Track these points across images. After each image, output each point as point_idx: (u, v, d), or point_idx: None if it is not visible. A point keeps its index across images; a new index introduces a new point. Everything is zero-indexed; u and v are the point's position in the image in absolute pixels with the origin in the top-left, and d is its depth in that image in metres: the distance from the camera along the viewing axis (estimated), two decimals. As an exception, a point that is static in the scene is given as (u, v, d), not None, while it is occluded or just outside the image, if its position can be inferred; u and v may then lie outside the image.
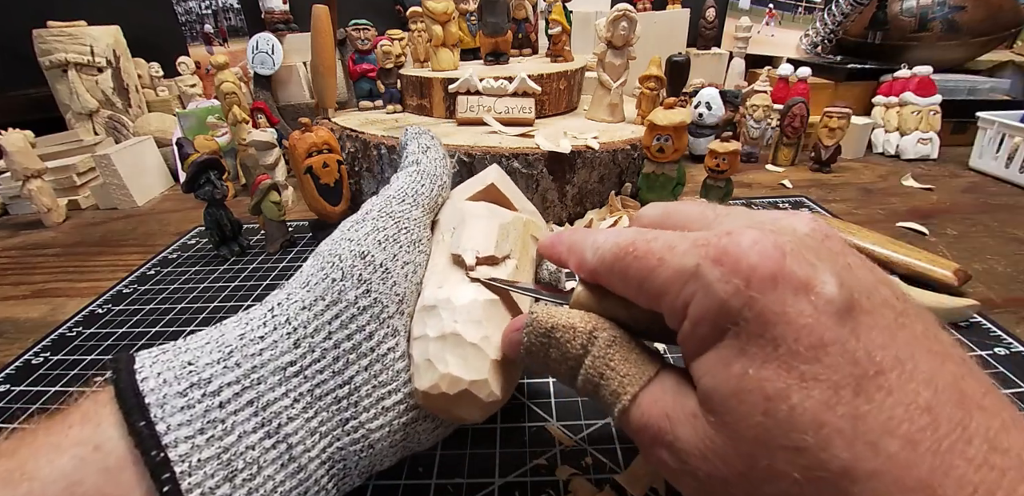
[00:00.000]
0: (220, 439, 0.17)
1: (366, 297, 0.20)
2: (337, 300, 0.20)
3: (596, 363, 0.18)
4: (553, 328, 0.18)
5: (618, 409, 0.17)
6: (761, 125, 0.73)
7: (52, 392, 0.35)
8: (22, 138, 0.64)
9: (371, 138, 0.55)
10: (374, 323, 0.20)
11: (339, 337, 0.20)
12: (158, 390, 0.18)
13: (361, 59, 0.65)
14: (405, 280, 0.21)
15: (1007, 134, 0.64)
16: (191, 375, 0.18)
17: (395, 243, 0.22)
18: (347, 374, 0.20)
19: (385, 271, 0.21)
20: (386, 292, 0.21)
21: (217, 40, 1.06)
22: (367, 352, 0.20)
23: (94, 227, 0.66)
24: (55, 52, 0.82)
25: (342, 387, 0.19)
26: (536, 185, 0.51)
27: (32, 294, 0.50)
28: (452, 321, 0.20)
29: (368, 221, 0.22)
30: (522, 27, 0.69)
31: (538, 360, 0.19)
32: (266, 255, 0.53)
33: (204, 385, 0.18)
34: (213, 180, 0.50)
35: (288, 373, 0.19)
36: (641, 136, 0.52)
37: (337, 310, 0.20)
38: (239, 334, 0.19)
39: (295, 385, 0.19)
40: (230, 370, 0.18)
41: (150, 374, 0.18)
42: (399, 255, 0.22)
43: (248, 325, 0.20)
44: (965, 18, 0.82)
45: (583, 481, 0.25)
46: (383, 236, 0.22)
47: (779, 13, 1.06)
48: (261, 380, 0.18)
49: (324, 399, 0.19)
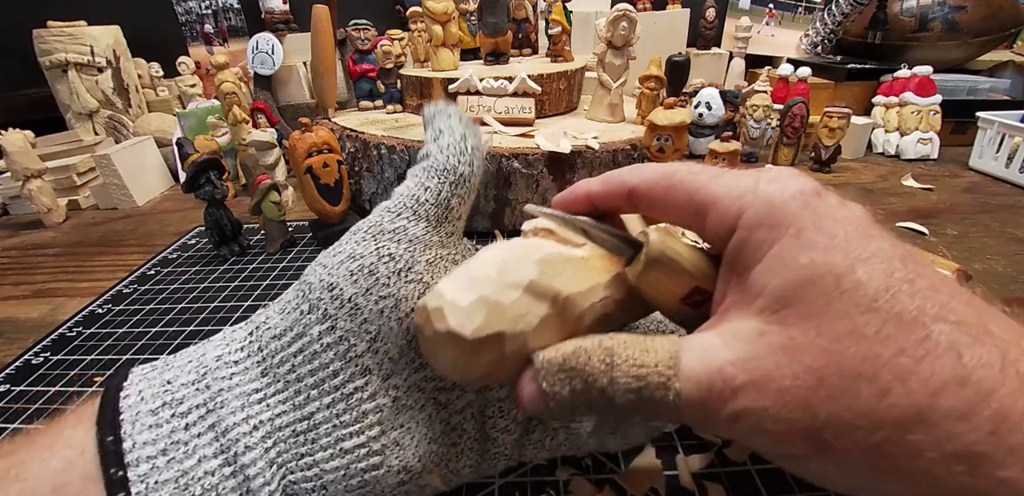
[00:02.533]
0: (180, 462, 0.17)
1: (330, 334, 0.19)
2: (302, 334, 0.19)
3: (626, 369, 0.16)
4: (564, 360, 0.17)
5: (672, 395, 0.16)
6: (761, 125, 0.73)
7: (52, 392, 0.35)
8: (22, 138, 0.64)
9: (371, 138, 0.55)
10: (339, 361, 0.19)
11: (302, 371, 0.19)
12: (134, 407, 0.18)
13: (361, 59, 0.65)
14: (380, 317, 0.19)
15: (1007, 134, 0.64)
16: (166, 394, 0.18)
17: (371, 275, 0.19)
18: (307, 409, 0.19)
19: (354, 307, 0.19)
20: (354, 330, 0.19)
21: (217, 40, 1.06)
22: (330, 390, 0.19)
23: (94, 227, 0.66)
24: (55, 52, 0.82)
25: (301, 422, 0.19)
26: (536, 185, 0.51)
27: (32, 294, 0.50)
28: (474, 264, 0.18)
29: (347, 244, 0.20)
30: (522, 27, 0.69)
31: (566, 402, 0.17)
32: (266, 255, 0.53)
33: (175, 405, 0.18)
34: (213, 180, 0.50)
35: (251, 399, 0.19)
36: (641, 136, 0.52)
37: (301, 344, 0.19)
38: (217, 355, 0.20)
39: (256, 412, 0.18)
40: (200, 392, 0.18)
41: (132, 391, 0.18)
42: (373, 289, 0.19)
43: (228, 347, 0.20)
44: (965, 18, 0.82)
45: (583, 481, 0.25)
46: (357, 266, 0.19)
47: (779, 13, 1.06)
48: (224, 404, 0.18)
49: (283, 430, 0.19)
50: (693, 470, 0.25)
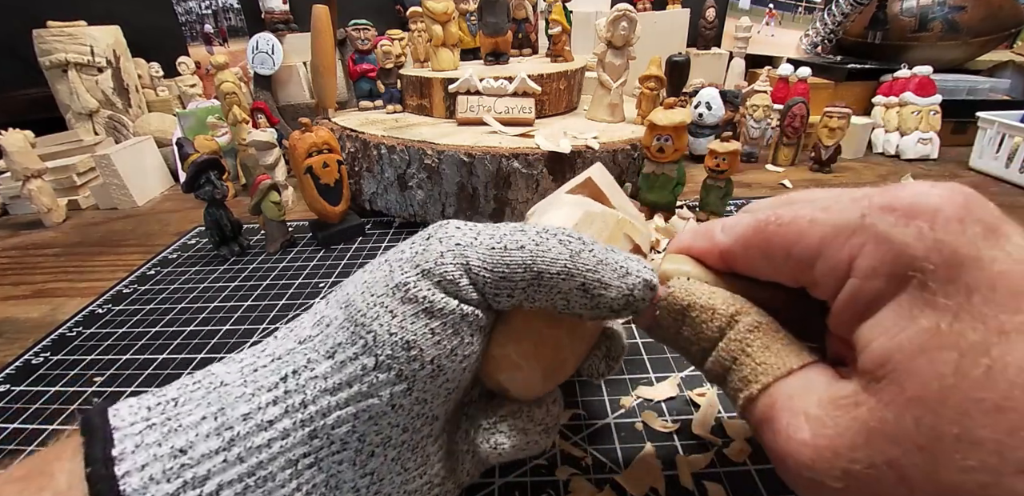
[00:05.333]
0: None
1: (406, 396, 0.16)
2: (368, 394, 0.16)
3: (731, 346, 0.16)
4: (689, 307, 0.17)
5: (744, 397, 0.16)
6: (761, 125, 0.73)
7: (52, 392, 0.35)
8: (22, 138, 0.64)
9: (371, 138, 0.55)
10: (414, 419, 0.17)
11: (365, 430, 0.16)
12: (143, 491, 0.14)
13: (361, 59, 0.64)
14: (462, 373, 0.17)
15: (1007, 134, 0.64)
16: (184, 470, 0.14)
17: (455, 335, 0.17)
18: (371, 466, 0.17)
19: (437, 369, 0.17)
20: (433, 390, 0.17)
21: (217, 40, 1.06)
22: (397, 444, 0.17)
23: (94, 227, 0.66)
24: (55, 52, 0.82)
25: (363, 477, 0.17)
26: (536, 185, 0.51)
27: (32, 294, 0.50)
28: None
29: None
30: (522, 27, 0.69)
31: (668, 334, 0.18)
32: (266, 255, 0.53)
33: (200, 484, 0.14)
34: (213, 180, 0.50)
35: (301, 466, 0.16)
36: (641, 136, 0.52)
37: (367, 405, 0.16)
38: (244, 414, 0.16)
39: (308, 478, 0.16)
40: (231, 465, 0.15)
41: (131, 466, 0.14)
42: (459, 350, 0.17)
43: (255, 399, 0.16)
44: (965, 18, 0.82)
45: (583, 481, 0.25)
46: (439, 325, 0.16)
47: (779, 13, 1.06)
48: (269, 478, 0.15)
49: (341, 488, 0.17)
50: (693, 470, 0.25)
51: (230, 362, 0.18)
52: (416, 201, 0.54)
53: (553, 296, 0.17)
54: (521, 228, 0.18)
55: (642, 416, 0.29)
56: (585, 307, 0.17)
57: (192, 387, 0.17)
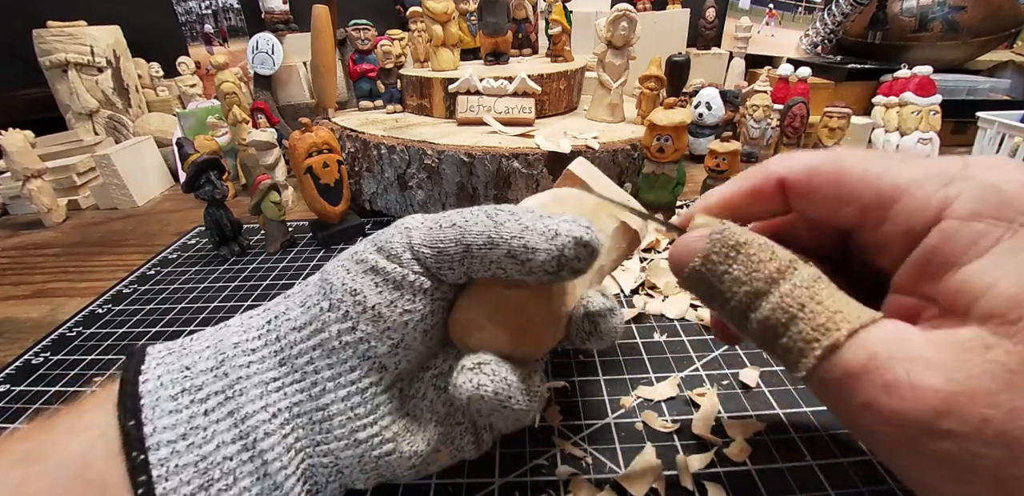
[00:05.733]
0: (200, 447, 0.17)
1: (351, 333, 0.19)
2: (321, 329, 0.19)
3: (796, 292, 0.14)
4: (746, 243, 0.15)
5: (824, 347, 0.14)
6: (761, 125, 0.73)
7: (52, 392, 0.35)
8: (22, 138, 0.64)
9: (371, 138, 0.55)
10: (358, 359, 0.19)
11: (320, 364, 0.19)
12: (154, 392, 0.18)
13: (361, 59, 0.64)
14: (404, 327, 0.19)
15: (1007, 134, 0.64)
16: (185, 380, 0.19)
17: (396, 289, 0.19)
18: (323, 400, 0.19)
19: (377, 315, 0.19)
20: (375, 334, 0.19)
21: (217, 40, 1.06)
22: (346, 383, 0.19)
23: (94, 227, 0.66)
24: (55, 52, 0.82)
25: (317, 411, 0.19)
26: (536, 185, 0.51)
27: (32, 294, 0.50)
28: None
29: (375, 254, 0.20)
30: (522, 27, 0.69)
31: (713, 275, 0.16)
32: (266, 255, 0.53)
33: (195, 391, 0.18)
34: (213, 180, 0.50)
35: (270, 388, 0.19)
36: (641, 136, 0.52)
37: (320, 338, 0.19)
38: (234, 342, 0.20)
39: (274, 400, 0.19)
40: (219, 379, 0.19)
41: (151, 375, 0.19)
42: (398, 303, 0.19)
43: (245, 334, 0.20)
44: (965, 18, 0.82)
45: (583, 481, 0.25)
46: (381, 279, 0.19)
47: (779, 13, 1.06)
48: (243, 391, 0.19)
49: (300, 418, 0.19)
50: (693, 470, 0.25)
51: (238, 316, 0.22)
52: (416, 201, 0.54)
53: (488, 265, 0.19)
54: (459, 210, 0.20)
55: (642, 416, 0.29)
56: (520, 272, 0.18)
57: (207, 331, 0.22)
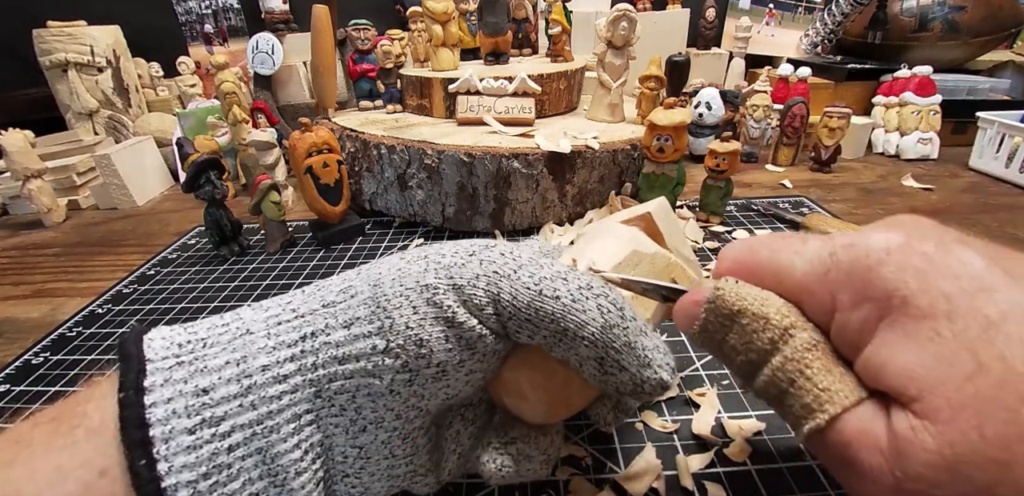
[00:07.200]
0: (224, 485, 0.15)
1: (407, 386, 0.17)
2: (373, 373, 0.17)
3: (788, 366, 0.15)
4: (739, 313, 0.16)
5: (809, 428, 0.15)
6: (761, 125, 0.73)
7: (52, 392, 0.35)
8: (22, 138, 0.64)
9: (371, 138, 0.55)
10: (410, 410, 0.18)
11: (362, 403, 0.17)
12: (166, 422, 0.15)
13: (361, 59, 0.64)
14: (466, 385, 0.18)
15: (1007, 134, 0.64)
16: (204, 409, 0.16)
17: (467, 349, 0.18)
18: (361, 440, 0.18)
19: (442, 372, 0.17)
20: (433, 390, 0.18)
21: (217, 40, 1.06)
22: (389, 429, 0.18)
23: (94, 227, 0.66)
24: (55, 52, 0.82)
25: (353, 448, 0.18)
26: (536, 185, 0.51)
27: (32, 294, 0.50)
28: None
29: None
30: (522, 27, 0.69)
31: (711, 343, 0.17)
32: (266, 255, 0.53)
33: (216, 423, 0.16)
34: (213, 180, 0.50)
35: (303, 422, 0.17)
36: (641, 136, 0.52)
37: (369, 382, 0.17)
38: (263, 365, 0.17)
39: (307, 434, 0.17)
40: (246, 410, 0.16)
41: (158, 397, 0.16)
42: (467, 363, 0.18)
43: (275, 354, 0.17)
44: (965, 18, 0.82)
45: (583, 481, 0.25)
46: (454, 334, 0.17)
47: (779, 13, 1.06)
48: (275, 429, 0.16)
49: (333, 451, 0.18)
50: (693, 470, 0.25)
51: (258, 309, 0.19)
52: (416, 201, 0.54)
53: (568, 353, 0.17)
54: (564, 276, 0.17)
55: (642, 416, 0.29)
56: (593, 377, 0.18)
57: (220, 330, 0.18)
